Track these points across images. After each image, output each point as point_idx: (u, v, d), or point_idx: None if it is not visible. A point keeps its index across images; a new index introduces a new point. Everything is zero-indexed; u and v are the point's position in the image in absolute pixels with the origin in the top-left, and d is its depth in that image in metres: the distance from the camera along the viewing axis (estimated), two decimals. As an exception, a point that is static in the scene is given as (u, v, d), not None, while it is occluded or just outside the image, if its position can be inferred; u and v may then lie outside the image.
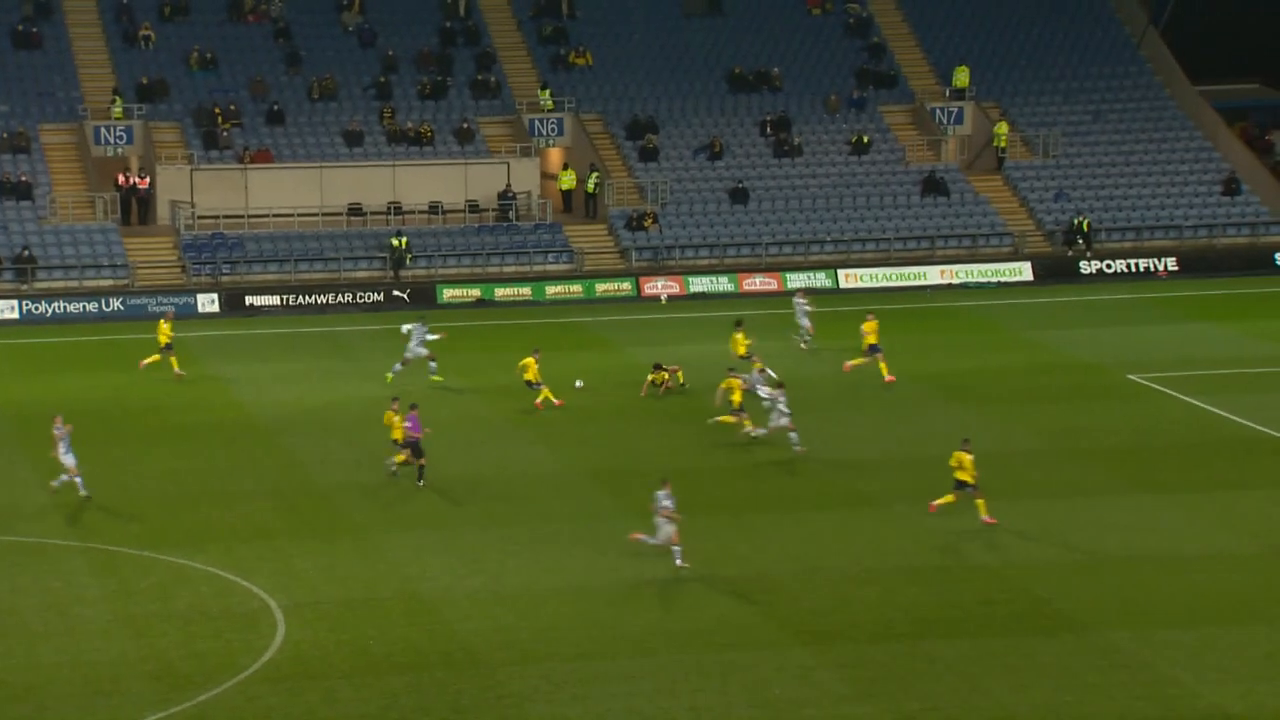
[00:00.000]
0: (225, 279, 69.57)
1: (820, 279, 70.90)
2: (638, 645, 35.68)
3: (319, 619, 36.67)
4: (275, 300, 67.92)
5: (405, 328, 55.75)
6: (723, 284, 70.76)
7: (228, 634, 35.87)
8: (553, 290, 69.91)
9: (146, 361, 56.24)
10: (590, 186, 74.59)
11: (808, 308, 59.68)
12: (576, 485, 45.89)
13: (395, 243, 70.99)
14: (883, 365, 54.09)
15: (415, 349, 55.33)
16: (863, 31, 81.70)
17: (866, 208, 75.37)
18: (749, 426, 48.64)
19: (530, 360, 52.53)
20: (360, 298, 68.73)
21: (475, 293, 69.57)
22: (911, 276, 71.00)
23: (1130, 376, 55.82)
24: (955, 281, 70.70)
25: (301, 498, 44.89)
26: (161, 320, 57.05)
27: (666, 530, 39.54)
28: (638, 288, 70.41)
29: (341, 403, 54.08)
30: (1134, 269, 71.49)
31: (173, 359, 56.01)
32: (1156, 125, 79.18)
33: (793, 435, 47.58)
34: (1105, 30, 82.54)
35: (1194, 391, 53.55)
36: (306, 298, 68.11)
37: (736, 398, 49.40)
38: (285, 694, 33.24)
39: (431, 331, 55.44)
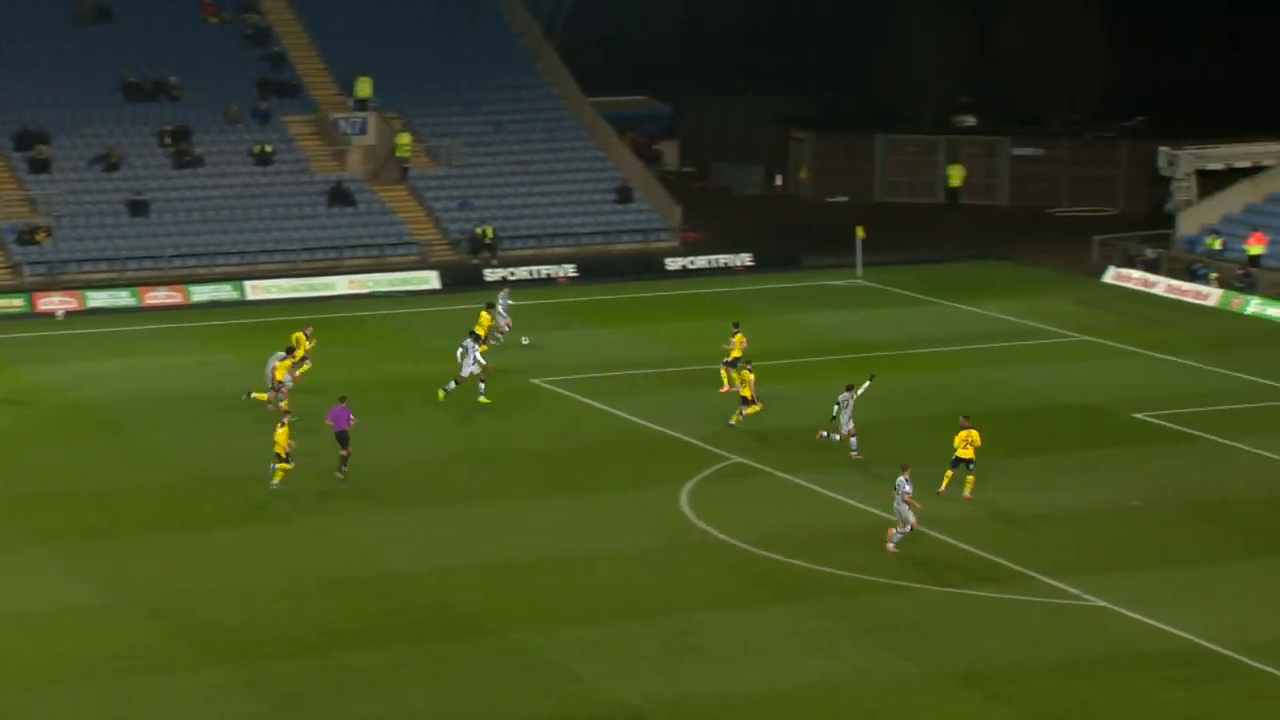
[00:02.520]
0: None
1: (227, 291, 70.03)
2: (36, 677, 34.57)
3: None
4: None
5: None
6: (123, 298, 69.04)
7: None
8: (-62, 309, 66.90)
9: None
10: (-21, 200, 71.71)
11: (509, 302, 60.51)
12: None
13: None
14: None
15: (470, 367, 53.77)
16: (262, 41, 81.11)
17: (272, 218, 74.86)
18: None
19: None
20: None
21: None
22: (320, 287, 70.86)
23: (535, 381, 57.11)
24: (363, 291, 70.87)
25: None
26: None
27: (906, 514, 41.07)
28: (31, 304, 68.00)
29: None
30: (536, 276, 73.12)
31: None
32: (554, 136, 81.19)
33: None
34: (502, 43, 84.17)
35: (595, 394, 55.23)
36: None
37: (747, 391, 50.66)
38: None
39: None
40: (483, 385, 53.68)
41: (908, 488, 41.64)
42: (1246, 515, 44.44)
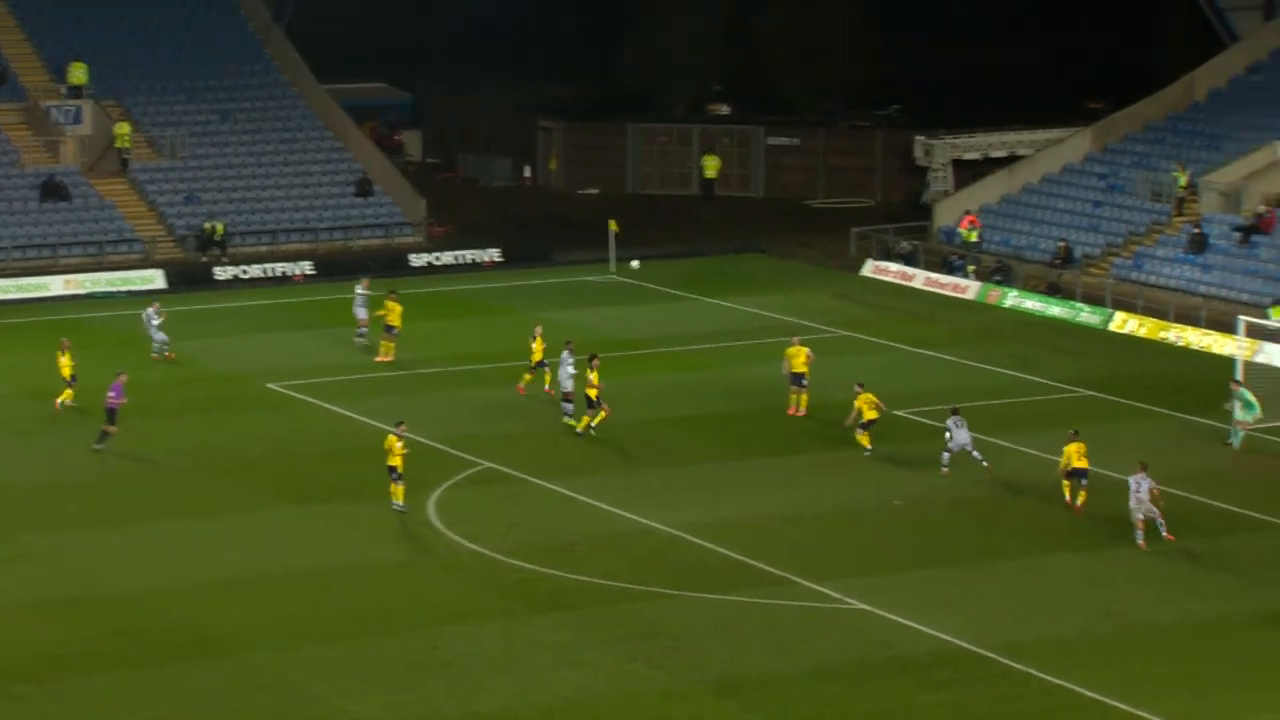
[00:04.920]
0: None
1: (-70, 293, 68.51)
2: None
3: None
4: None
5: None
6: None
7: None
8: None
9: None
10: None
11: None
12: None
13: None
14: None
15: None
16: (-36, 24, 79.52)
17: (-20, 215, 73.43)
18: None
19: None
20: None
21: None
22: (33, 288, 69.57)
23: (270, 385, 56.76)
24: (82, 292, 69.73)
25: None
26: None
27: (1152, 510, 42.69)
28: None
29: None
30: (271, 274, 72.52)
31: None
32: (286, 125, 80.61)
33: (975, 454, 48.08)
34: (229, 27, 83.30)
35: (334, 398, 55.03)
36: None
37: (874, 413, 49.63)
38: None
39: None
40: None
41: (1149, 483, 42.80)
42: (1006, 513, 45.70)
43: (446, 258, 74.61)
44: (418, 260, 74.33)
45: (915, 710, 34.76)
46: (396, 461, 44.80)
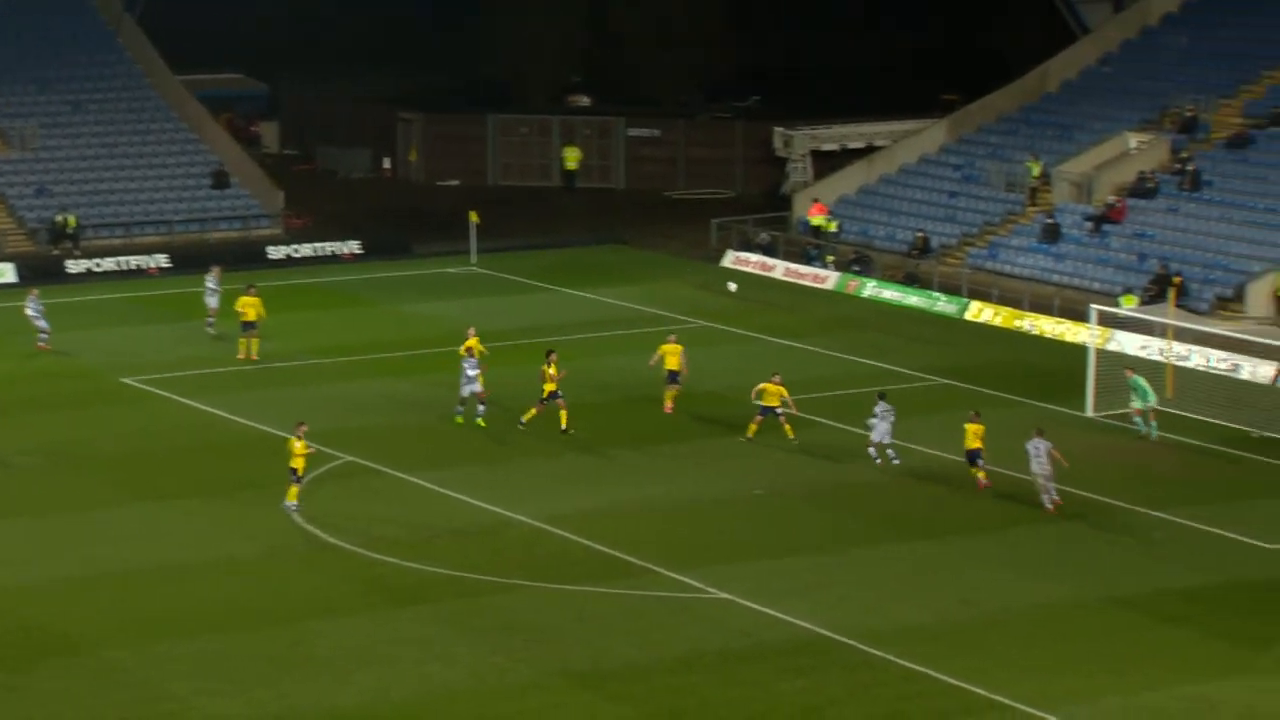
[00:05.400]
0: None
1: None
2: None
3: None
4: None
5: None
6: None
7: None
8: None
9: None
10: None
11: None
12: None
13: None
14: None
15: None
16: None
17: None
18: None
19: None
20: None
21: None
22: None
23: (125, 380, 56.29)
24: (-68, 288, 68.80)
25: None
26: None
27: (1044, 469, 44.44)
28: None
29: None
30: (125, 267, 71.81)
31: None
32: (140, 117, 79.86)
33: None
34: (80, 16, 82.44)
35: (189, 392, 54.64)
36: None
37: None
38: None
39: None
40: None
41: (1047, 445, 44.26)
42: (864, 501, 46.13)
43: (305, 250, 74.22)
44: (276, 253, 73.88)
45: (775, 697, 35.04)
46: (298, 464, 44.39)
